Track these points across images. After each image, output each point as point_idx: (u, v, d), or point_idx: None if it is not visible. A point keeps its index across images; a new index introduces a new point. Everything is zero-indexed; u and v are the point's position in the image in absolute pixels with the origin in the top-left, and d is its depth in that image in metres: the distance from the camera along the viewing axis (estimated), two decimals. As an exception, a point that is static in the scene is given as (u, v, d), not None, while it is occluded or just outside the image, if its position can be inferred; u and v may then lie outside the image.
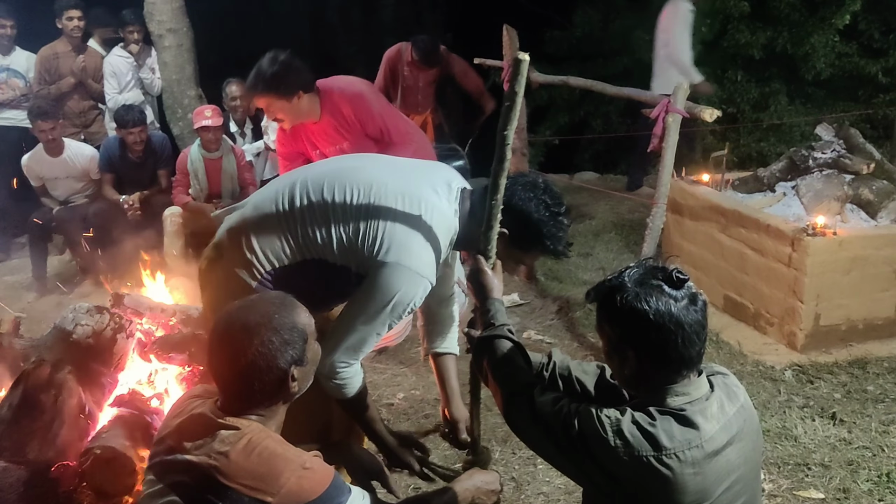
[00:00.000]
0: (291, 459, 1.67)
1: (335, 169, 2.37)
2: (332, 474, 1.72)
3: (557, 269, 5.88)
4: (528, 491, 3.16)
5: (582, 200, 7.49)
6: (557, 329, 4.85)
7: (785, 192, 5.07)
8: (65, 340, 3.35)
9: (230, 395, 1.75)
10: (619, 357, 1.76)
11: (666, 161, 4.10)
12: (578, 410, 1.74)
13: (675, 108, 4.01)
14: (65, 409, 3.20)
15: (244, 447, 1.63)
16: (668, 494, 1.65)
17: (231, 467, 1.61)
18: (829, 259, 4.23)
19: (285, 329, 1.74)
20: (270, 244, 2.27)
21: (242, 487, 1.60)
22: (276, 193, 2.31)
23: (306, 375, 1.83)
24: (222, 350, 1.73)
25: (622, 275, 1.75)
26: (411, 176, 2.31)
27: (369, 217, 2.19)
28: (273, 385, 1.72)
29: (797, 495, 3.06)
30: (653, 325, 1.65)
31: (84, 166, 6.03)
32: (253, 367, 1.69)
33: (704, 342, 1.70)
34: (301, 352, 1.77)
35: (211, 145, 5.71)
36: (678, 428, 1.65)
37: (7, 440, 3.13)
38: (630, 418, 1.67)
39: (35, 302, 5.88)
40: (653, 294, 1.67)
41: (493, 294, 2.17)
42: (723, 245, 4.86)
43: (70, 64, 6.54)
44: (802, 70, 9.04)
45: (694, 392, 1.71)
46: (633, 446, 1.64)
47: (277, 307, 1.78)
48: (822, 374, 4.05)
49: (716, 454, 1.66)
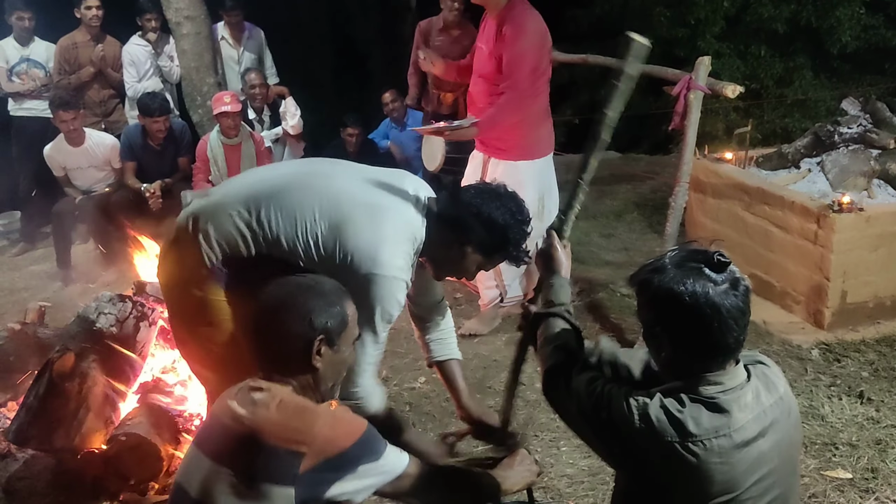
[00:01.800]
0: (323, 411, 1.74)
1: (303, 176, 2.38)
2: (365, 425, 1.75)
3: (579, 250, 5.84)
4: (552, 473, 3.14)
5: (603, 180, 7.42)
6: (580, 310, 4.81)
7: (810, 169, 4.99)
8: (88, 329, 3.38)
9: (266, 360, 1.83)
10: (656, 342, 1.72)
11: (688, 139, 4.03)
12: (610, 392, 1.71)
13: (696, 85, 3.94)
14: (90, 398, 3.24)
15: (278, 405, 1.70)
16: (693, 482, 1.61)
17: (266, 424, 1.67)
18: (855, 236, 4.16)
19: (331, 299, 1.82)
20: (227, 236, 2.30)
21: (278, 441, 1.65)
22: (240, 198, 2.31)
23: (334, 364, 1.85)
24: (272, 298, 1.81)
25: (663, 257, 1.70)
26: (378, 185, 2.33)
27: (336, 229, 2.21)
28: (302, 348, 1.77)
29: (825, 475, 3.02)
30: (688, 309, 1.59)
31: (105, 155, 6.06)
32: (290, 315, 1.77)
33: (745, 329, 1.63)
34: (336, 328, 1.81)
35: (230, 131, 5.72)
36: (707, 415, 1.60)
37: (34, 428, 3.18)
38: (658, 403, 1.63)
39: (60, 291, 5.93)
40: (691, 277, 1.61)
41: (559, 271, 2.18)
42: (747, 223, 4.80)
43: (89, 54, 6.55)
44: (827, 43, 8.85)
45: (728, 381, 1.65)
46: (658, 431, 1.60)
47: (335, 285, 1.89)
48: (849, 353, 4.00)
49: (746, 445, 1.61)
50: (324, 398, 1.87)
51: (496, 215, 2.27)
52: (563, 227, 2.25)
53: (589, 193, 5.78)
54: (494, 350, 4.33)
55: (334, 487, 1.68)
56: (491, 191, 2.33)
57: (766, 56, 9.09)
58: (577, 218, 6.79)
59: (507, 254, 2.34)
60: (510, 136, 4.25)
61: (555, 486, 3.05)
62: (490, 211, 2.27)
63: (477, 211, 2.26)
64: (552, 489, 3.04)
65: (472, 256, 2.34)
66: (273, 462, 1.64)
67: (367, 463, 1.72)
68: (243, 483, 1.63)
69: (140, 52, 6.65)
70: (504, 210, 2.28)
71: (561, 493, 3.01)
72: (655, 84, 6.65)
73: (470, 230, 2.28)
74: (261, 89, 6.36)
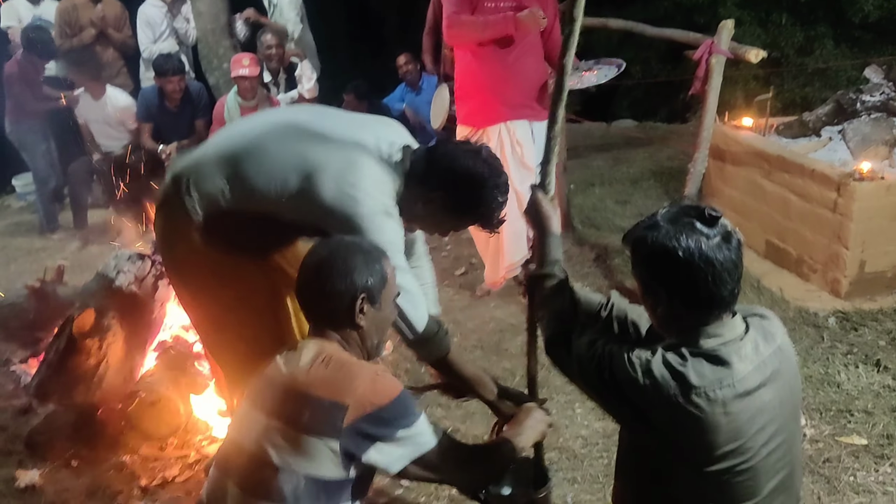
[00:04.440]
0: (365, 367, 1.79)
1: (281, 128, 2.35)
2: (401, 387, 1.79)
3: (595, 216, 5.83)
4: (567, 434, 3.16)
5: (620, 148, 7.39)
6: (595, 276, 4.82)
7: (831, 137, 4.93)
8: (108, 287, 3.41)
9: (314, 316, 1.90)
10: (652, 298, 1.73)
11: (709, 104, 3.99)
12: (611, 352, 1.72)
13: (718, 49, 3.89)
14: (110, 354, 3.27)
15: (322, 360, 1.76)
16: (699, 434, 1.63)
17: (310, 379, 1.73)
18: (875, 204, 4.12)
19: (371, 258, 1.86)
20: (208, 194, 2.28)
21: (322, 394, 1.70)
22: (219, 153, 2.31)
23: (377, 322, 1.89)
24: (314, 260, 1.86)
25: (655, 215, 1.72)
26: (354, 133, 2.28)
27: (313, 177, 2.17)
28: (345, 304, 1.82)
29: (839, 441, 3.02)
30: (682, 263, 1.61)
31: (119, 114, 6.09)
32: (332, 273, 1.81)
33: (738, 282, 1.66)
34: (377, 285, 1.85)
35: (247, 94, 5.71)
36: (709, 367, 1.63)
37: (54, 384, 3.22)
38: (661, 359, 1.65)
39: (77, 252, 5.97)
40: (683, 232, 1.63)
41: (550, 228, 2.15)
42: (765, 191, 4.76)
43: (89, 14, 6.49)
44: (850, 12, 8.71)
45: (727, 333, 1.67)
46: (663, 386, 1.62)
47: (373, 245, 1.94)
48: (866, 322, 3.98)
49: (748, 394, 1.63)
50: (370, 355, 1.91)
51: (468, 175, 2.21)
52: (545, 182, 2.18)
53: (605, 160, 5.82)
54: (510, 314, 4.34)
55: (372, 450, 1.72)
56: (470, 151, 2.27)
57: (788, 24, 8.96)
58: (593, 184, 6.81)
59: (478, 216, 2.29)
60: (543, 94, 4.20)
61: (569, 448, 3.07)
62: (463, 170, 2.22)
63: (450, 167, 2.22)
64: (567, 450, 3.06)
65: (441, 213, 2.29)
66: (319, 414, 1.69)
67: (403, 428, 1.75)
68: (293, 435, 1.69)
69: (155, 13, 6.63)
70: (478, 172, 2.22)
71: (576, 453, 3.03)
72: (673, 51, 6.60)
73: (440, 185, 2.22)
74: (277, 51, 6.33)
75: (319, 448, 1.67)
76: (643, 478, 1.83)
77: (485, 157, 2.26)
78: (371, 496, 2.79)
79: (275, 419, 1.73)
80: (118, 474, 3.05)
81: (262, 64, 6.26)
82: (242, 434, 1.79)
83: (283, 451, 1.69)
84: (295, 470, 1.67)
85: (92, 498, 2.93)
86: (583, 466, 2.96)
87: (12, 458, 3.21)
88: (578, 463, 2.99)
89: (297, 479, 1.67)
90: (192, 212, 2.30)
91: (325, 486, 1.70)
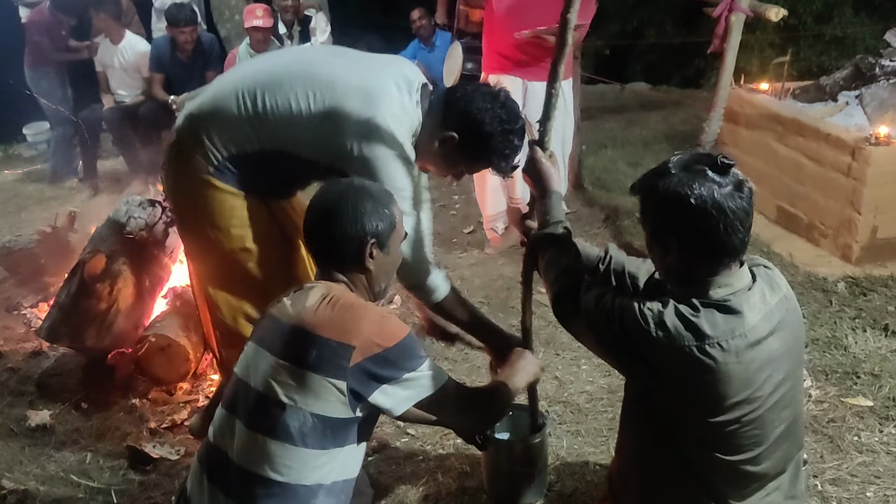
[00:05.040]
0: (371, 309, 1.79)
1: (299, 64, 2.33)
2: (408, 330, 1.80)
3: (605, 178, 5.80)
4: (572, 389, 3.18)
5: (633, 110, 7.33)
6: (604, 237, 4.81)
7: (848, 102, 4.87)
8: (119, 233, 3.42)
9: (322, 258, 1.90)
10: (661, 247, 1.72)
11: (727, 63, 3.93)
12: (621, 305, 1.72)
13: (738, 7, 3.83)
14: (120, 299, 3.29)
15: (328, 302, 1.76)
16: (712, 385, 1.63)
17: (317, 320, 1.73)
18: (891, 170, 4.08)
19: (380, 202, 1.86)
20: (228, 132, 2.26)
21: (329, 335, 1.70)
22: (236, 89, 2.26)
23: (384, 265, 1.90)
24: (324, 201, 1.86)
25: (667, 163, 1.71)
26: (372, 70, 2.27)
27: (331, 112, 2.16)
28: (355, 247, 1.83)
29: (845, 402, 3.03)
30: (694, 211, 1.61)
31: (136, 61, 6.07)
32: (342, 217, 1.82)
33: (749, 231, 1.65)
34: (386, 230, 1.86)
35: (260, 45, 5.67)
36: (721, 317, 1.63)
37: (65, 327, 3.24)
38: (673, 310, 1.65)
39: (87, 201, 5.99)
40: (696, 179, 1.62)
41: (550, 185, 2.14)
42: (778, 154, 4.72)
43: None
44: (872, -22, 8.60)
45: (736, 283, 1.68)
46: (676, 337, 1.62)
47: (382, 189, 1.94)
48: (876, 287, 3.96)
49: (758, 343, 1.64)
50: (376, 298, 1.93)
51: (483, 118, 2.18)
52: (545, 139, 2.17)
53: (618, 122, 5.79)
54: (518, 271, 4.26)
55: (378, 393, 1.73)
56: (488, 94, 2.23)
57: (807, -10, 8.83)
58: (605, 146, 6.79)
59: (490, 161, 2.27)
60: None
61: (574, 402, 3.09)
62: (479, 113, 2.19)
63: (465, 109, 2.19)
64: (571, 404, 3.07)
65: (456, 154, 2.27)
66: (326, 354, 1.69)
67: (409, 371, 1.76)
68: (300, 374, 1.69)
69: (168, -38, 6.56)
70: (493, 115, 2.18)
71: (580, 407, 3.05)
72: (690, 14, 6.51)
73: (455, 127, 2.20)
74: (293, 2, 6.26)
75: (326, 387, 1.68)
76: (648, 429, 1.85)
77: (503, 100, 2.23)
78: (376, 444, 2.83)
79: (282, 358, 1.74)
80: (127, 417, 3.08)
81: (277, 15, 6.21)
82: (249, 373, 1.80)
83: (289, 390, 1.70)
84: (301, 408, 1.69)
85: (101, 439, 2.96)
86: (587, 420, 2.98)
87: (24, 399, 3.25)
88: (583, 417, 3.00)
89: (303, 417, 1.69)
90: (212, 150, 2.28)
91: (332, 425, 1.71)
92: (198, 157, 2.30)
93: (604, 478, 2.52)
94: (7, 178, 7.09)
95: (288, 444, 1.68)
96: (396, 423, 2.93)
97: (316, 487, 1.71)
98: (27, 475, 2.76)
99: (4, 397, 3.26)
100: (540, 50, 4.20)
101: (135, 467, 2.78)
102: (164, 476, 2.73)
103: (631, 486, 1.95)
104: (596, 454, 2.78)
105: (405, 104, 2.21)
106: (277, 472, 1.68)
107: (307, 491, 1.70)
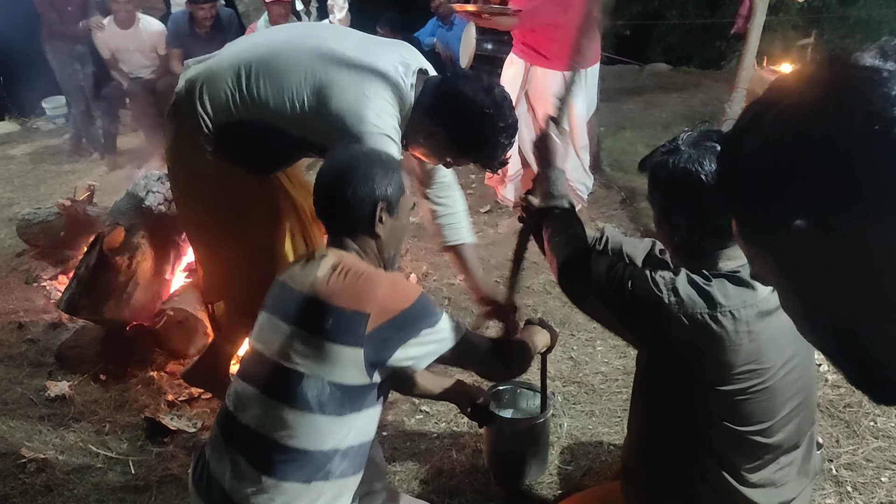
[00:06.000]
0: (382, 274, 1.80)
1: (295, 39, 2.32)
2: (420, 290, 1.81)
3: (623, 159, 5.77)
4: (587, 370, 3.18)
5: (652, 92, 7.26)
6: (621, 219, 4.79)
7: (870, 84, 4.81)
8: (137, 207, 3.43)
9: (332, 224, 1.90)
10: (671, 225, 1.70)
11: (750, 43, 3.90)
12: (633, 273, 1.70)
13: (762, -12, 3.79)
14: (139, 272, 3.31)
15: (340, 271, 1.76)
16: (721, 354, 1.62)
17: (330, 289, 1.73)
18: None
19: (390, 169, 1.86)
20: (218, 100, 2.27)
21: (344, 304, 1.71)
22: (238, 62, 2.27)
23: (394, 231, 1.90)
24: (335, 166, 1.86)
25: (676, 139, 1.69)
26: (369, 51, 2.25)
27: (321, 90, 2.16)
28: (367, 210, 1.82)
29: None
30: (705, 188, 1.59)
31: (152, 41, 6.06)
32: (355, 179, 1.81)
33: None
34: (396, 194, 1.85)
35: (279, 20, 5.64)
36: (732, 288, 1.61)
37: (84, 299, 3.26)
38: (685, 278, 1.63)
39: (105, 175, 6.02)
40: (706, 156, 1.60)
41: (556, 162, 2.13)
42: (799, 138, 4.67)
43: None
44: (899, -40, 8.45)
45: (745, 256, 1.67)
46: (688, 304, 1.60)
47: (390, 157, 1.94)
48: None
49: (769, 314, 1.62)
50: (386, 266, 1.92)
51: (473, 113, 2.16)
52: (560, 115, 2.14)
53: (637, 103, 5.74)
54: (533, 252, 4.26)
55: (399, 351, 1.73)
56: (481, 87, 2.20)
57: (832, -28, 8.71)
58: (623, 128, 6.74)
59: (479, 155, 2.26)
60: (553, 44, 4.12)
61: (589, 382, 3.09)
62: (468, 107, 2.16)
63: (456, 102, 2.17)
64: (586, 384, 3.08)
65: (442, 144, 2.26)
66: (342, 323, 1.69)
67: (427, 327, 1.77)
68: (316, 342, 1.70)
69: (188, -64, 6.53)
70: (483, 110, 2.16)
71: (595, 388, 3.05)
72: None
73: (444, 119, 2.19)
74: (310, -21, 6.25)
75: (343, 355, 1.69)
76: (657, 400, 1.84)
77: (495, 96, 2.20)
78: (389, 419, 2.84)
79: (297, 327, 1.75)
80: (145, 389, 3.12)
81: (295, -9, 6.19)
82: (264, 342, 1.81)
83: (306, 358, 1.71)
84: (319, 375, 1.69)
85: (119, 410, 3.00)
86: (601, 401, 2.98)
87: (43, 370, 3.29)
88: (597, 397, 3.01)
89: (321, 385, 1.69)
90: (203, 118, 2.28)
91: (349, 392, 1.72)
92: (192, 119, 2.31)
93: (618, 458, 2.53)
94: (26, 151, 7.13)
95: (306, 412, 1.69)
96: (411, 401, 2.95)
97: (332, 452, 1.73)
98: (46, 444, 2.80)
99: (24, 368, 3.31)
100: (541, 38, 4.17)
101: (152, 439, 2.82)
102: (181, 448, 2.76)
103: (641, 457, 1.96)
104: (610, 434, 2.78)
105: (397, 84, 2.20)
106: (295, 438, 1.70)
107: (324, 456, 1.72)
